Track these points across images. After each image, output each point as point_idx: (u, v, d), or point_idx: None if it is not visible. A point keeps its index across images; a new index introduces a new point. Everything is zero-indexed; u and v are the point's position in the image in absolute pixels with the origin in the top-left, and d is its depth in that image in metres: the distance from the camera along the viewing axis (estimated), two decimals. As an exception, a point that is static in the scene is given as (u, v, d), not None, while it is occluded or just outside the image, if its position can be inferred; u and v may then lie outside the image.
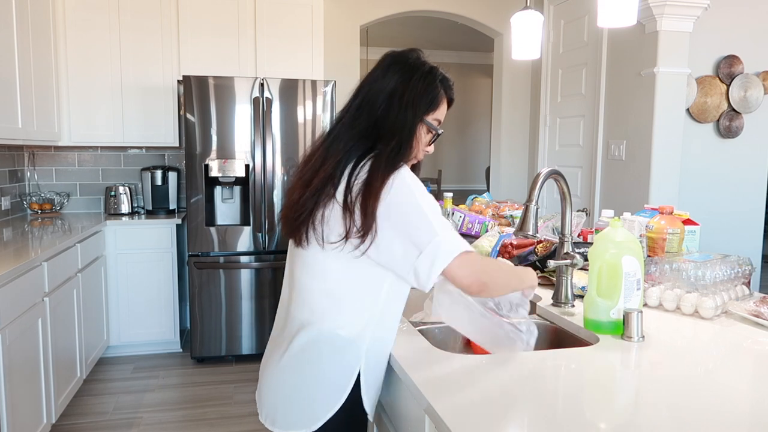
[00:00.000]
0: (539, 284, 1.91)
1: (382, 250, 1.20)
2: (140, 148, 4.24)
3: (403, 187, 1.20)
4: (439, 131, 1.34)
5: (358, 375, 1.27)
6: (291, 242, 1.35)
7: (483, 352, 1.37)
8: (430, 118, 1.31)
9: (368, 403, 1.29)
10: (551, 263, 1.63)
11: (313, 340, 1.26)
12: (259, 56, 3.98)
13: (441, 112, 1.34)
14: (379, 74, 1.30)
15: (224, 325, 3.67)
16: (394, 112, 1.26)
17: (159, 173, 4.04)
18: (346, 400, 1.26)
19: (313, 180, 1.25)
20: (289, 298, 1.35)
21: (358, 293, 1.25)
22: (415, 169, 1.37)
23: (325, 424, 1.26)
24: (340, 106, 1.37)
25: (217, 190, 3.75)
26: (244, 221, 3.73)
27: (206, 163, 3.56)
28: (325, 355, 1.26)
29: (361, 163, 1.23)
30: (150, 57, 3.88)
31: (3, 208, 3.66)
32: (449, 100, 1.36)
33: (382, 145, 1.24)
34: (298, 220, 1.26)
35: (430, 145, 1.35)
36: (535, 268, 1.92)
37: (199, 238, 3.61)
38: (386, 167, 1.21)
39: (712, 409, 1.01)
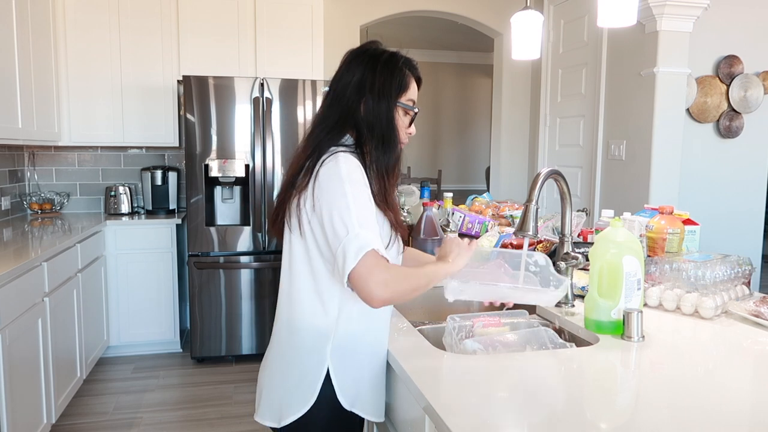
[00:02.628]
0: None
1: (318, 236, 1.24)
2: (140, 148, 4.24)
3: (333, 176, 1.20)
4: (416, 110, 1.37)
5: (328, 376, 1.27)
6: (285, 239, 1.39)
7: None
8: (404, 100, 1.33)
9: (343, 396, 1.28)
10: (562, 265, 1.63)
11: (285, 335, 1.33)
12: (259, 56, 3.98)
13: (413, 92, 1.36)
14: (344, 70, 1.33)
15: (224, 325, 3.67)
16: (369, 105, 1.28)
17: (159, 173, 4.04)
18: (326, 394, 1.27)
19: (289, 177, 1.32)
20: (280, 290, 1.42)
21: (320, 286, 1.28)
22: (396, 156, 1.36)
23: (305, 416, 1.27)
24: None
25: (217, 190, 3.75)
26: (244, 221, 3.73)
27: (206, 163, 3.56)
28: (297, 344, 1.30)
29: (322, 152, 1.26)
30: (150, 57, 3.88)
31: (3, 208, 3.66)
32: (417, 79, 1.38)
33: (365, 141, 1.28)
34: (277, 213, 1.34)
35: (410, 126, 1.38)
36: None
37: (199, 238, 3.61)
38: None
39: (712, 409, 1.01)
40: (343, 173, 1.20)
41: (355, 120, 1.29)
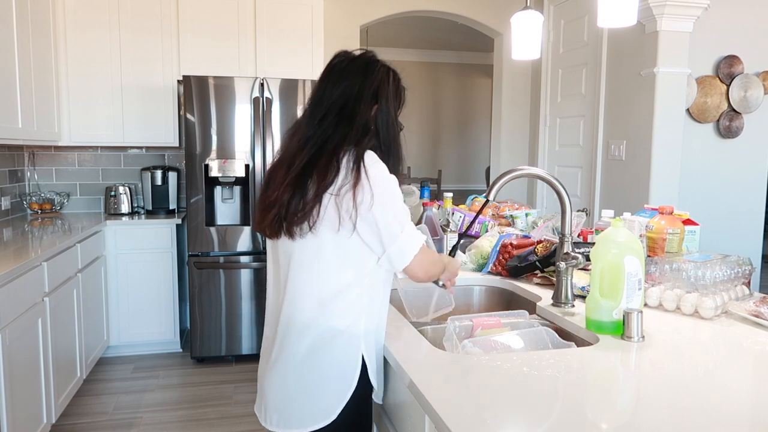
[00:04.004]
0: (539, 284, 1.91)
1: (364, 232, 1.28)
2: (140, 148, 4.23)
3: (382, 177, 1.28)
4: (402, 126, 1.44)
5: (363, 364, 1.32)
6: (272, 244, 1.38)
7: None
8: (399, 114, 1.42)
9: (377, 384, 1.36)
10: (562, 265, 1.63)
11: (317, 339, 1.29)
12: (259, 56, 3.98)
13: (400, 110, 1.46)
14: (360, 70, 1.37)
15: (224, 325, 3.67)
16: (382, 111, 1.36)
17: (159, 173, 4.04)
18: (356, 395, 1.31)
19: (310, 172, 1.27)
20: (279, 300, 1.36)
21: (348, 285, 1.30)
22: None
23: (336, 420, 1.30)
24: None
25: (217, 190, 3.75)
26: (244, 221, 3.73)
27: (206, 163, 3.56)
28: (330, 351, 1.29)
29: (361, 153, 1.29)
30: (150, 57, 3.88)
31: (3, 208, 3.66)
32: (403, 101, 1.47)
33: (376, 145, 1.34)
34: (299, 213, 1.27)
35: None
36: (535, 268, 1.92)
37: (199, 238, 3.61)
38: (375, 163, 1.30)
39: (712, 409, 1.01)
40: (381, 173, 1.28)
41: (370, 125, 1.35)
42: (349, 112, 1.32)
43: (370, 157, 1.28)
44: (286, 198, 1.28)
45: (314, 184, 1.26)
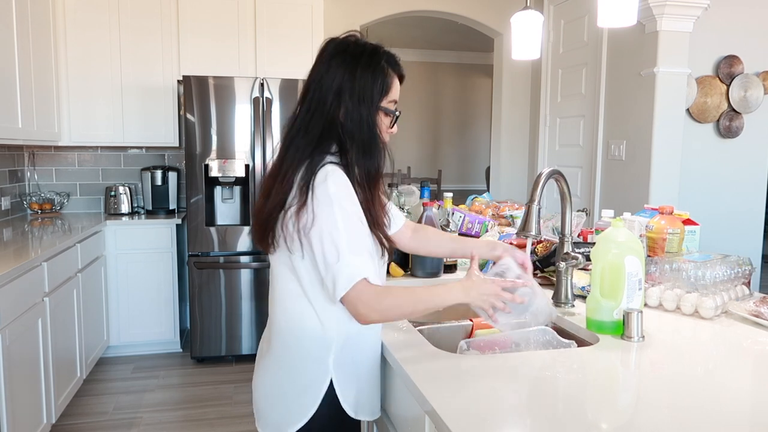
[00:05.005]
0: (539, 284, 1.90)
1: (307, 258, 1.22)
2: (140, 148, 4.23)
3: (324, 198, 1.18)
4: (397, 113, 1.31)
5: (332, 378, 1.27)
6: None
7: (486, 326, 1.38)
8: (385, 103, 1.27)
9: (347, 404, 1.28)
10: (562, 265, 1.63)
11: (287, 342, 1.29)
12: (259, 56, 3.98)
13: (395, 93, 1.29)
14: (323, 69, 1.25)
15: (224, 325, 3.67)
16: (349, 111, 1.22)
17: (159, 173, 4.04)
18: (328, 404, 1.26)
19: (272, 189, 1.25)
20: (270, 301, 1.37)
21: (315, 299, 1.25)
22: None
23: (308, 425, 1.26)
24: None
25: (217, 190, 3.75)
26: (244, 221, 3.73)
27: (206, 163, 3.56)
28: (298, 356, 1.27)
29: (315, 169, 1.21)
30: (150, 57, 3.88)
31: (3, 208, 3.66)
32: (400, 76, 1.31)
33: (348, 149, 1.23)
34: (262, 227, 1.26)
35: (392, 127, 1.32)
36: (535, 268, 1.92)
37: (199, 238, 3.61)
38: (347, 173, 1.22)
39: (712, 409, 1.01)
40: (332, 192, 1.18)
41: (337, 129, 1.23)
42: (308, 120, 1.24)
43: (323, 174, 1.19)
44: (258, 207, 1.29)
45: (272, 201, 1.23)
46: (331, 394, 1.27)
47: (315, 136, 1.24)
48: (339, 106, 1.23)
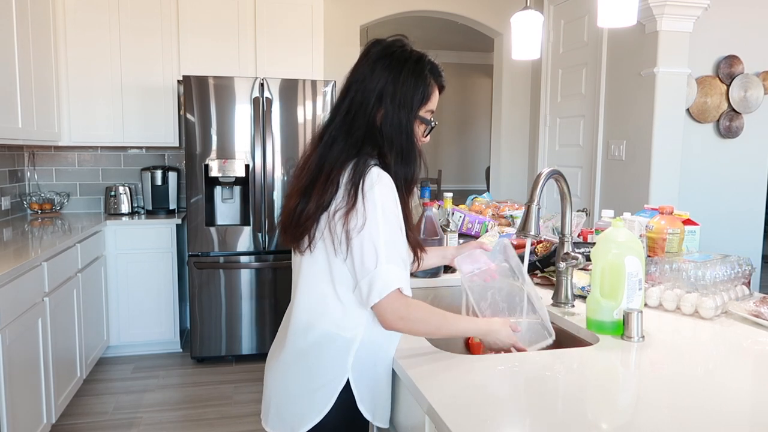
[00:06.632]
0: (539, 284, 1.91)
1: (348, 261, 1.22)
2: (140, 148, 4.23)
3: (372, 203, 1.18)
4: (433, 124, 1.32)
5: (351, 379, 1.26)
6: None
7: (480, 351, 1.37)
8: (423, 112, 1.29)
9: (364, 406, 1.27)
10: (562, 265, 1.62)
11: (309, 340, 1.27)
12: (259, 56, 3.98)
13: (433, 103, 1.31)
14: (367, 71, 1.26)
15: (224, 325, 3.67)
16: (389, 116, 1.24)
17: (159, 173, 4.04)
18: (342, 405, 1.26)
19: (312, 187, 1.24)
20: (292, 299, 1.36)
21: (348, 300, 1.24)
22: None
23: (320, 424, 1.25)
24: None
25: (217, 190, 3.75)
26: (244, 221, 3.73)
27: (206, 163, 3.56)
28: (319, 354, 1.26)
29: (363, 171, 1.21)
30: (150, 57, 3.88)
31: (3, 208, 3.66)
32: (440, 87, 1.32)
33: (386, 153, 1.24)
34: (300, 227, 1.25)
35: (425, 136, 1.33)
36: (535, 268, 1.92)
37: (199, 238, 3.61)
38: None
39: (712, 409, 1.01)
40: (378, 197, 1.18)
41: (376, 132, 1.24)
42: (350, 120, 1.25)
43: (371, 178, 1.20)
44: (291, 207, 1.27)
45: (313, 201, 1.22)
46: (345, 394, 1.26)
47: (359, 138, 1.24)
48: (379, 109, 1.24)
